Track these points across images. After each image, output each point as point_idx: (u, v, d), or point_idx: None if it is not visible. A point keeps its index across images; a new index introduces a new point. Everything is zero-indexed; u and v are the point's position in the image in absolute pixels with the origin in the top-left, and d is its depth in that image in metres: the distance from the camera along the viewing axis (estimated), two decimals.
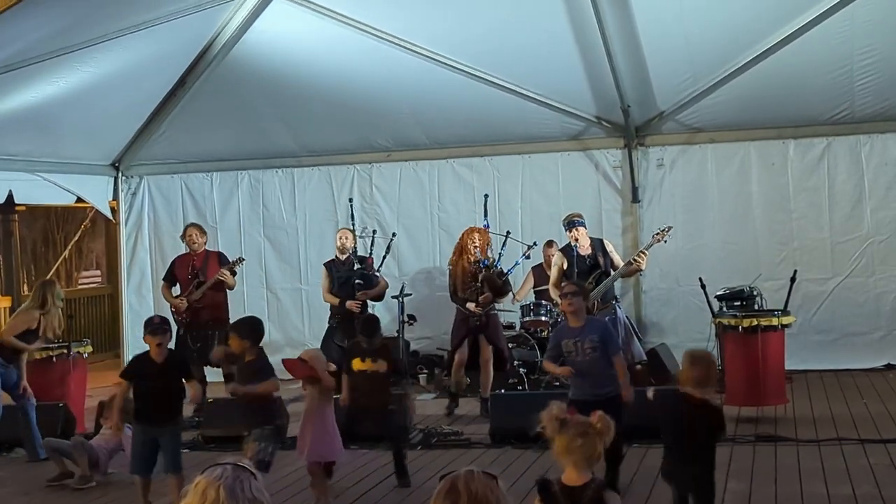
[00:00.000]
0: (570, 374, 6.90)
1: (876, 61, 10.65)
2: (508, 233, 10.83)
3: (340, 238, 10.86)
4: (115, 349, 14.31)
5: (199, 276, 10.63)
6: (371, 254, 11.02)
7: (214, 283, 10.58)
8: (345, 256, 10.76)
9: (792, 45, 10.54)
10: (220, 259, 10.87)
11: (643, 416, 8.19)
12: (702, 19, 10.45)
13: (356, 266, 10.75)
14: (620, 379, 6.85)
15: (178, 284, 10.88)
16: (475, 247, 10.04)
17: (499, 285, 9.92)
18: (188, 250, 10.88)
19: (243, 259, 11.22)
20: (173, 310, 10.71)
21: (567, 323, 7.06)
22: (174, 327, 12.49)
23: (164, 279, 11.05)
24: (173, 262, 11.09)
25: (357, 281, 10.64)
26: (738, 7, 10.39)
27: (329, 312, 10.89)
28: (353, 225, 11.43)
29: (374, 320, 7.92)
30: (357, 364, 7.54)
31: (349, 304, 10.59)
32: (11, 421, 9.23)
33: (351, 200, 12.11)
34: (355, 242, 10.94)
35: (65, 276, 17.59)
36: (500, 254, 10.39)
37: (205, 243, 10.93)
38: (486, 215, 11.07)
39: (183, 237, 10.99)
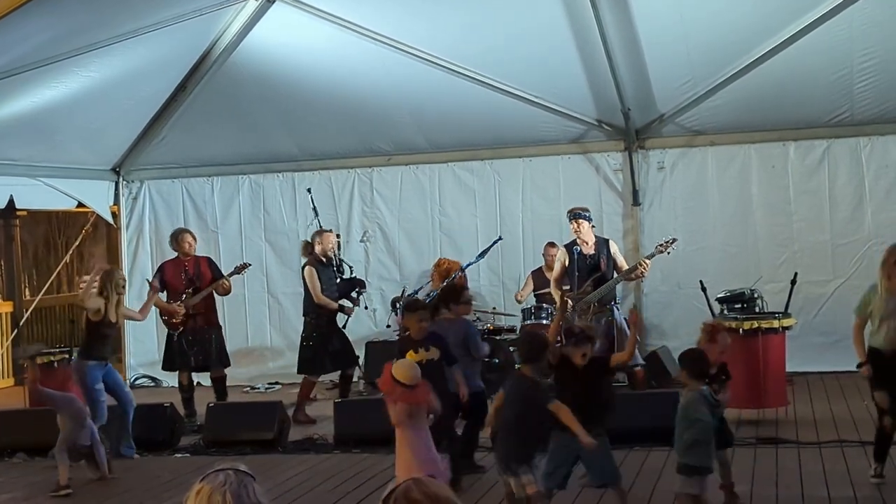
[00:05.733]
0: None
1: (875, 64, 10.65)
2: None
3: (330, 242, 10.71)
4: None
5: (194, 282, 10.55)
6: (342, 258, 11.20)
7: (213, 288, 10.53)
8: (326, 260, 10.66)
9: (792, 47, 10.54)
10: (211, 264, 10.78)
11: (645, 418, 8.25)
12: (702, 22, 10.46)
13: (348, 272, 10.96)
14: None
15: (166, 291, 10.60)
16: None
17: None
18: (178, 255, 10.65)
19: (249, 265, 11.23)
20: (165, 316, 10.62)
21: None
22: (158, 331, 12.71)
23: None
24: (163, 268, 10.80)
25: (358, 290, 10.94)
26: (737, 10, 10.40)
27: (311, 316, 10.60)
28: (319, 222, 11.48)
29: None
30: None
31: (347, 308, 10.69)
32: (13, 425, 9.24)
33: (309, 189, 12.11)
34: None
35: (66, 281, 17.58)
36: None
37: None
38: (481, 255, 11.21)
39: (178, 242, 10.66)
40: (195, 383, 10.70)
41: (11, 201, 11.83)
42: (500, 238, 11.37)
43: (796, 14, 10.34)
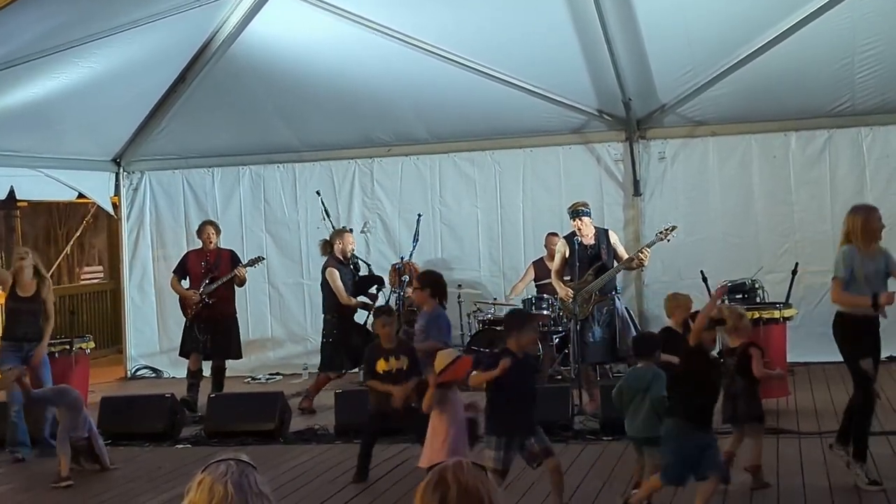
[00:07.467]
0: None
1: (877, 53, 10.63)
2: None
3: (350, 241, 10.74)
4: (117, 345, 14.32)
5: (212, 271, 10.69)
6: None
7: (229, 279, 10.65)
8: (345, 259, 10.67)
9: (793, 37, 10.53)
10: (233, 257, 10.95)
11: None
12: (703, 12, 10.44)
13: (365, 269, 11.02)
14: None
15: (188, 278, 10.89)
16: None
17: None
18: (202, 246, 10.90)
19: (263, 258, 11.32)
20: (183, 302, 10.82)
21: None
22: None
23: (174, 272, 11.06)
24: (186, 256, 11.14)
25: (377, 286, 11.03)
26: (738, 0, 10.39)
27: (331, 315, 10.60)
28: (330, 221, 11.63)
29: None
30: (381, 365, 7.66)
31: (368, 305, 10.65)
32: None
33: (318, 192, 12.17)
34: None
35: (67, 272, 17.59)
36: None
37: (219, 241, 11.00)
38: (415, 238, 11.33)
39: (200, 234, 10.95)
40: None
41: (12, 192, 11.82)
42: (420, 215, 11.60)
43: (798, 4, 10.33)
